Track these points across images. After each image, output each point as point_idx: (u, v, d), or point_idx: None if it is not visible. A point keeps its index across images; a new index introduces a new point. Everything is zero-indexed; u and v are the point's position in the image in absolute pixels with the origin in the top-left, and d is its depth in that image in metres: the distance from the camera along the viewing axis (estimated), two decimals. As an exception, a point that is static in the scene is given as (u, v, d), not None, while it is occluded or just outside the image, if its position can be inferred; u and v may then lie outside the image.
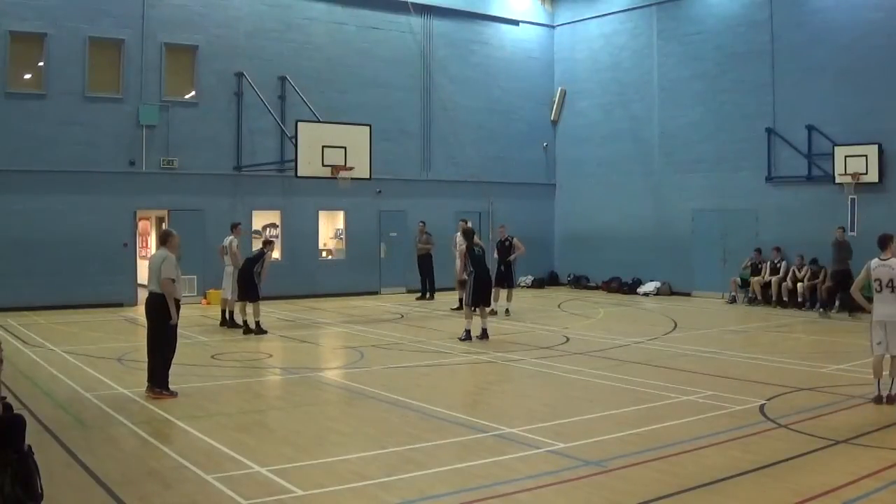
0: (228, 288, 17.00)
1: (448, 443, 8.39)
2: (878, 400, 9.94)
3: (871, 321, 10.17)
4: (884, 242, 10.19)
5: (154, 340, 10.44)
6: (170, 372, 10.49)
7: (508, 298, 19.47)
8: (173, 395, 10.34)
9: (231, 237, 17.14)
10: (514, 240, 19.70)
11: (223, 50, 22.22)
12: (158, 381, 10.36)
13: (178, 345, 10.73)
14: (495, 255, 19.77)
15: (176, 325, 10.46)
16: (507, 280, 19.42)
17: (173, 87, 21.83)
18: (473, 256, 15.59)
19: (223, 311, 17.21)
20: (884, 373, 10.01)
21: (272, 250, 17.27)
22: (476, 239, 16.37)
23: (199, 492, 6.82)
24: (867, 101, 20.28)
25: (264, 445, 8.25)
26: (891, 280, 9.89)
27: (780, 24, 22.06)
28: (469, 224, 20.62)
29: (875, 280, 10.05)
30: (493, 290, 17.19)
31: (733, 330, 17.31)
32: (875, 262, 10.14)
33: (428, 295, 22.95)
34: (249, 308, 16.24)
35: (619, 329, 17.05)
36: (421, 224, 23.37)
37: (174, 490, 6.86)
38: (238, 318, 16.57)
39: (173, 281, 10.30)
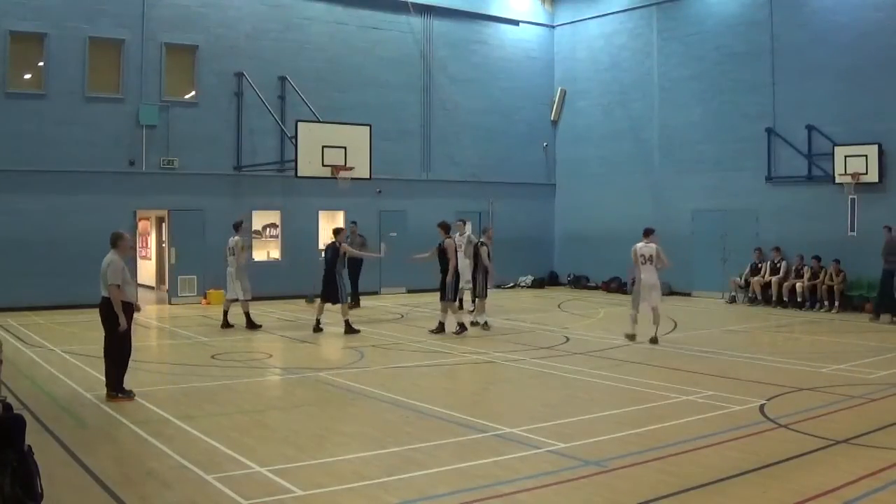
0: (231, 289, 16.95)
1: (448, 443, 8.38)
2: (632, 338, 14.76)
3: (638, 285, 14.76)
4: (647, 232, 14.94)
5: (110, 345, 10.32)
6: (126, 373, 10.37)
7: (479, 309, 17.31)
8: (130, 397, 10.21)
9: (237, 237, 16.99)
10: (480, 247, 17.13)
11: (223, 50, 22.22)
12: (113, 384, 10.25)
13: (133, 347, 10.58)
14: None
15: (128, 330, 10.28)
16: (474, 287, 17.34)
17: (173, 87, 21.84)
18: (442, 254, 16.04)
19: (224, 313, 17.09)
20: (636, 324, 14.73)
21: (343, 241, 16.55)
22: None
23: (199, 492, 6.81)
24: (867, 101, 20.28)
25: (264, 445, 8.24)
26: (651, 256, 14.58)
27: (780, 24, 22.06)
28: (465, 223, 20.48)
29: (640, 255, 14.65)
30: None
31: (733, 330, 17.30)
32: (640, 244, 14.74)
33: (352, 302, 20.13)
34: (324, 305, 16.30)
35: (619, 329, 16.97)
36: (353, 225, 21.22)
37: (174, 490, 6.86)
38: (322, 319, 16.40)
39: (118, 286, 10.10)
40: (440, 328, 16.00)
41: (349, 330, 16.06)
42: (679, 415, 9.45)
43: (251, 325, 16.66)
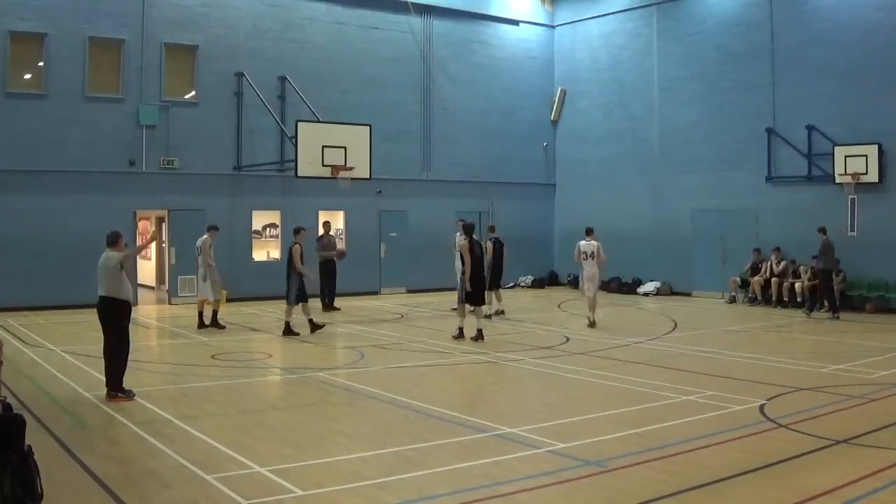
0: (202, 288, 16.92)
1: (448, 443, 8.38)
2: (592, 325, 16.90)
3: (583, 276, 17.27)
4: (588, 231, 17.40)
5: (109, 344, 10.32)
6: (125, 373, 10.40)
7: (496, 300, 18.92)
8: (130, 397, 10.20)
9: (205, 236, 16.86)
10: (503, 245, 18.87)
11: (223, 50, 22.21)
12: (114, 384, 10.25)
13: (132, 346, 10.67)
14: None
15: (126, 329, 10.36)
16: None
17: (173, 87, 21.83)
18: (474, 254, 15.59)
19: (200, 314, 16.92)
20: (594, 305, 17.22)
21: (301, 241, 16.45)
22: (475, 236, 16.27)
23: (199, 492, 6.81)
24: (867, 101, 20.28)
25: (264, 445, 8.24)
26: (592, 253, 16.90)
27: (780, 24, 22.06)
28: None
29: (583, 252, 17.03)
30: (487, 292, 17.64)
31: (733, 330, 17.32)
32: (583, 242, 17.20)
33: (327, 301, 20.40)
34: (290, 308, 16.13)
35: (619, 329, 17.04)
36: (326, 223, 21.12)
37: (174, 490, 6.86)
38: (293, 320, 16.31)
39: (125, 256, 10.33)
40: (460, 334, 15.45)
41: (287, 331, 15.92)
42: (679, 415, 9.46)
43: (202, 325, 16.61)
